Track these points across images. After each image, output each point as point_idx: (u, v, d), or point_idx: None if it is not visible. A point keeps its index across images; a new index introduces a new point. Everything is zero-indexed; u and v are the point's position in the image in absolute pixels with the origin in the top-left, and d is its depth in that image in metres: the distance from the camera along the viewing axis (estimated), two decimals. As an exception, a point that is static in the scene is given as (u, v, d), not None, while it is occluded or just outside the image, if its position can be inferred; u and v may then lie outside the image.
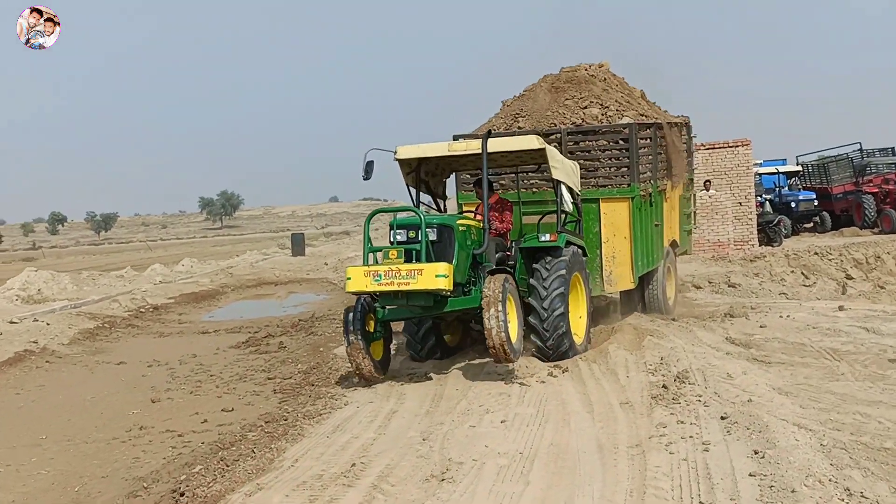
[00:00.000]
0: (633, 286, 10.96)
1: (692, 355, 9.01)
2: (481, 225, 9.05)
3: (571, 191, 9.76)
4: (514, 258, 9.44)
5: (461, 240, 8.67)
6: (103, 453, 7.57)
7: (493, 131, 9.75)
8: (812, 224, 26.61)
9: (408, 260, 8.31)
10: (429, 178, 10.15)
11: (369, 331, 8.77)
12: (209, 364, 11.71)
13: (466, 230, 8.89)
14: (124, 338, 15.16)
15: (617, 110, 11.24)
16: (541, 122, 11.13)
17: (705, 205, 20.37)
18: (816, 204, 26.30)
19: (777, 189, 26.08)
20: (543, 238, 9.16)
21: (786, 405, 6.98)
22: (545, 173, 9.56)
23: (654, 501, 5.15)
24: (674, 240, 12.69)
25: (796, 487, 5.08)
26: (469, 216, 9.55)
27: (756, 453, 5.70)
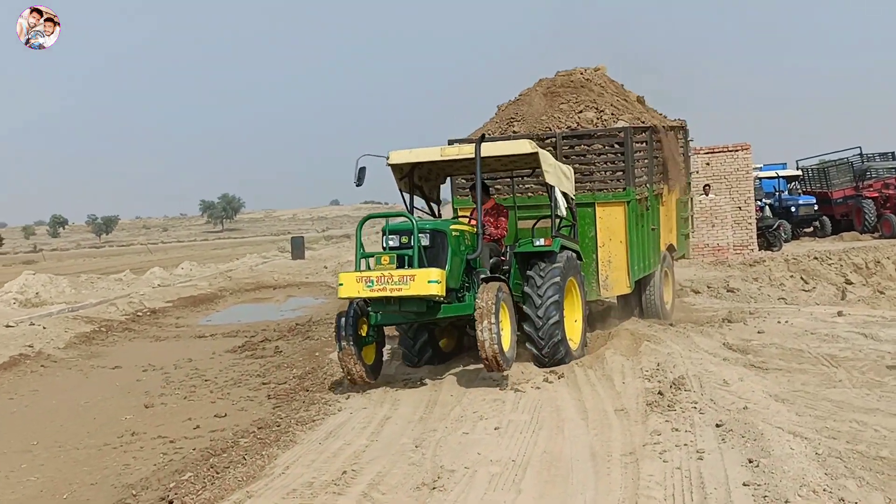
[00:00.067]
0: (629, 291, 10.89)
1: (689, 361, 8.95)
2: (475, 230, 8.99)
3: (566, 195, 9.70)
4: (508, 263, 9.38)
5: (454, 245, 8.61)
6: (94, 460, 7.52)
7: (488, 135, 9.69)
8: (812, 228, 26.59)
9: (400, 265, 8.24)
10: (422, 183, 10.09)
11: (361, 335, 8.70)
12: (204, 369, 11.68)
13: (460, 235, 8.83)
14: (121, 342, 15.13)
15: (612, 114, 11.17)
16: (536, 126, 11.06)
17: (705, 209, 20.34)
18: (816, 208, 26.29)
19: (777, 193, 26.07)
20: (538, 243, 9.09)
21: (782, 412, 6.92)
22: (540, 178, 9.50)
23: (647, 511, 5.10)
24: (671, 244, 12.63)
25: (790, 498, 5.01)
26: (463, 221, 9.50)
27: (750, 462, 5.64)
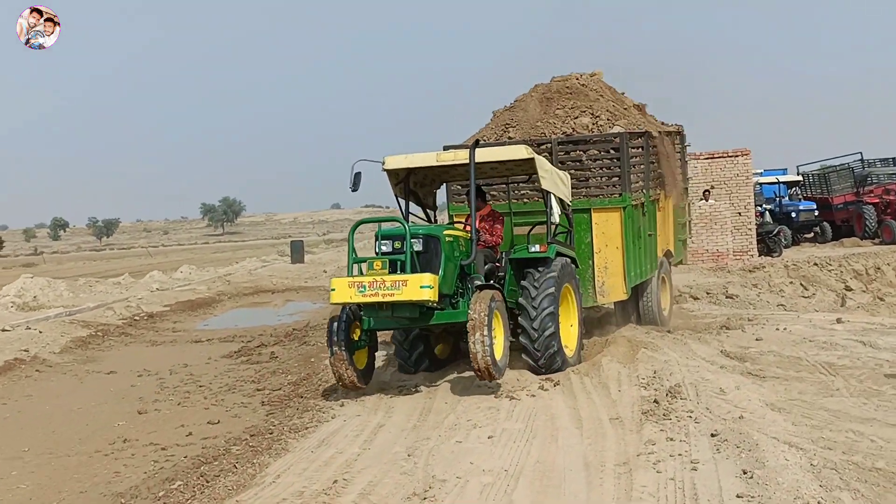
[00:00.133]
0: (625, 297, 10.83)
1: (686, 369, 8.89)
2: (469, 236, 8.93)
3: (562, 201, 9.65)
4: (503, 270, 9.32)
5: (448, 251, 8.55)
6: (84, 467, 7.45)
7: (483, 141, 9.63)
8: (812, 234, 26.52)
9: (393, 271, 8.18)
10: (418, 189, 10.03)
11: (354, 339, 8.65)
12: (199, 374, 11.62)
13: (454, 241, 8.77)
14: (117, 346, 15.07)
15: (608, 119, 11.12)
16: (531, 132, 11.01)
17: (705, 214, 20.27)
18: (817, 214, 26.20)
19: (777, 199, 25.99)
20: (533, 249, 9.04)
21: (778, 422, 6.85)
22: (536, 184, 9.44)
23: (639, 523, 5.04)
24: (668, 250, 12.56)
25: (784, 510, 4.95)
26: (458, 227, 9.44)
27: (745, 473, 5.58)
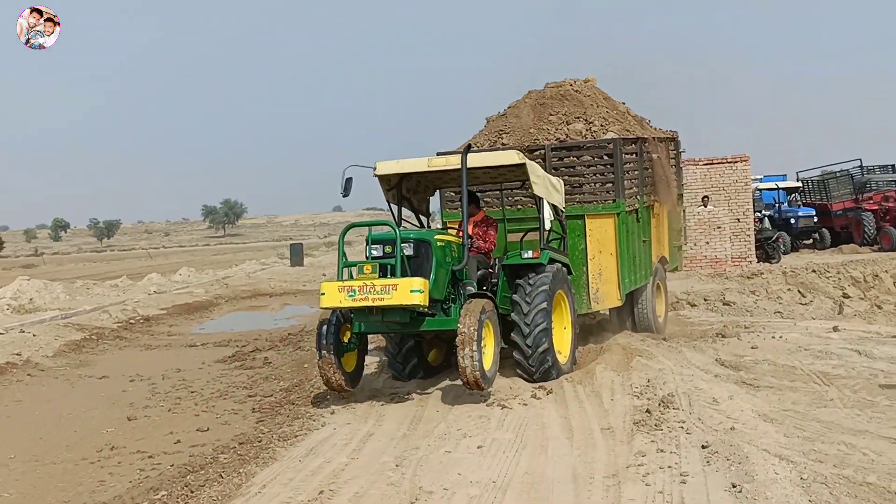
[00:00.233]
0: (620, 303, 10.76)
1: (679, 378, 8.82)
2: (461, 241, 8.87)
3: (555, 207, 9.59)
4: (496, 276, 9.25)
5: (439, 256, 8.48)
6: (69, 475, 7.36)
7: (476, 147, 9.56)
8: (811, 241, 26.45)
9: (383, 275, 8.13)
10: (411, 194, 9.98)
11: (343, 342, 8.58)
12: (192, 380, 11.54)
13: (445, 246, 8.70)
14: (110, 350, 15.00)
15: (602, 125, 11.06)
16: (525, 138, 10.94)
17: (703, 220, 20.21)
18: (816, 220, 26.15)
19: (777, 205, 25.94)
20: (526, 255, 8.98)
21: (769, 433, 6.78)
22: (529, 190, 9.38)
23: (625, 538, 4.97)
24: (663, 256, 12.47)
25: (772, 525, 4.88)
26: (451, 232, 9.37)
27: (734, 487, 5.51)
